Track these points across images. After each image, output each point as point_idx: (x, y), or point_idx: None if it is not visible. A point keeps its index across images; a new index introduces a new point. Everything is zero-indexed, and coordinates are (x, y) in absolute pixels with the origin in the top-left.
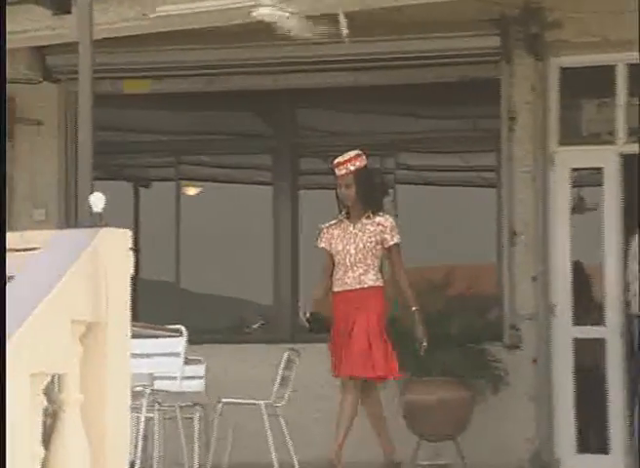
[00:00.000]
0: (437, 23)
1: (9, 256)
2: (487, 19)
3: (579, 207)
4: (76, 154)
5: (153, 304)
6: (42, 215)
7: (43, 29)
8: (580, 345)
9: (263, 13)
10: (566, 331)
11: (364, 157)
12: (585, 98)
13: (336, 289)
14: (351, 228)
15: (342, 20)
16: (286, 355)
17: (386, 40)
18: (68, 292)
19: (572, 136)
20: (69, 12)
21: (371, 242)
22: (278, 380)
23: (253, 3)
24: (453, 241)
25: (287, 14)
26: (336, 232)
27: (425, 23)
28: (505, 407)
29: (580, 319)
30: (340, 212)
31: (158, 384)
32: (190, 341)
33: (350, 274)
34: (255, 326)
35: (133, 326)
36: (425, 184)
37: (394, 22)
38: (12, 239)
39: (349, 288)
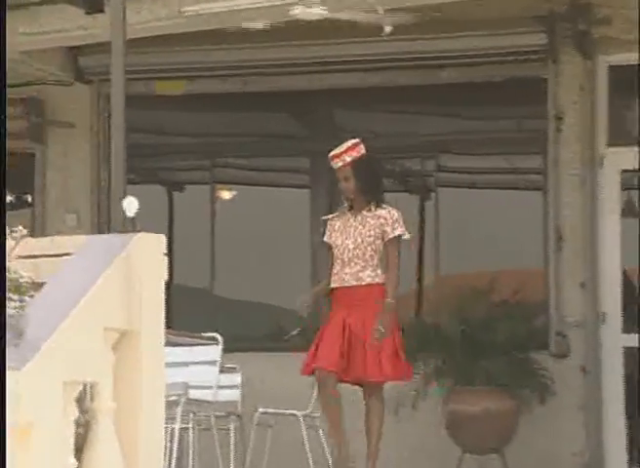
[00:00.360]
0: (481, 21)
1: (40, 262)
2: (533, 17)
3: (629, 210)
4: (109, 157)
5: (187, 311)
6: (74, 221)
7: (75, 29)
8: (631, 354)
9: (308, 11)
10: (615, 339)
11: (361, 146)
12: (635, 97)
13: (333, 285)
14: (352, 221)
15: (383, 14)
16: None
17: (428, 38)
18: (101, 298)
19: (621, 136)
20: (102, 11)
21: (370, 236)
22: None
23: (291, 1)
24: (498, 246)
25: (324, 11)
26: (337, 224)
27: (469, 21)
28: (553, 417)
29: (630, 326)
30: (345, 203)
31: (193, 393)
32: (225, 349)
33: (348, 270)
34: (292, 333)
35: (167, 333)
36: (469, 187)
37: (436, 20)
38: (42, 244)
39: (347, 284)
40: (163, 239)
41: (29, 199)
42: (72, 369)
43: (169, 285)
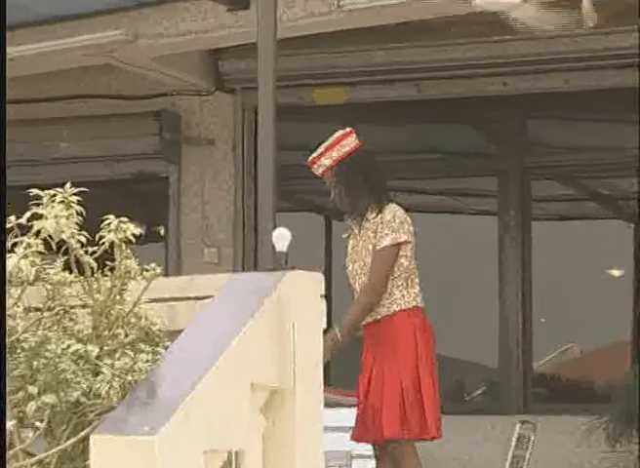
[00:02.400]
0: None
1: (177, 306)
2: None
3: None
4: (255, 180)
5: (348, 365)
6: (214, 256)
7: (216, 29)
8: None
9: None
10: None
11: (348, 140)
12: None
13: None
14: (358, 237)
15: (588, 6)
16: (517, 429)
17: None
18: (248, 350)
19: None
20: (247, 7)
21: (369, 252)
22: (509, 461)
23: None
24: None
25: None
26: (349, 245)
27: None
28: None
29: None
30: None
31: (357, 465)
32: None
33: None
34: (476, 392)
35: (326, 392)
36: None
37: None
38: (179, 284)
39: (364, 321)
40: (320, 278)
41: (162, 230)
42: (214, 434)
43: (326, 332)
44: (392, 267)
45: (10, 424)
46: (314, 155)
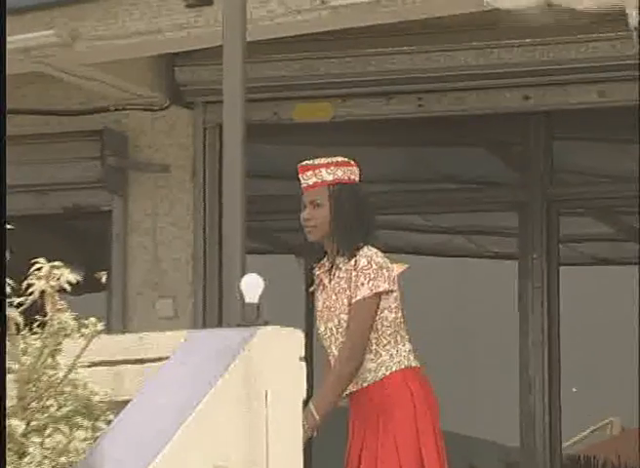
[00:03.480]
0: None
1: (123, 371)
2: None
3: None
4: (220, 215)
5: (332, 443)
6: (169, 309)
7: (171, 29)
8: None
9: None
10: None
11: (355, 169)
12: None
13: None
14: (329, 291)
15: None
16: None
17: None
18: (210, 425)
19: None
20: (210, 2)
21: (345, 307)
22: None
23: None
24: None
25: None
26: (319, 302)
27: None
28: None
29: None
30: (313, 258)
31: None
32: None
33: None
34: None
35: None
36: None
37: None
38: (125, 343)
39: (349, 389)
40: (300, 336)
41: (104, 277)
42: None
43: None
44: (373, 323)
45: None
46: (314, 161)
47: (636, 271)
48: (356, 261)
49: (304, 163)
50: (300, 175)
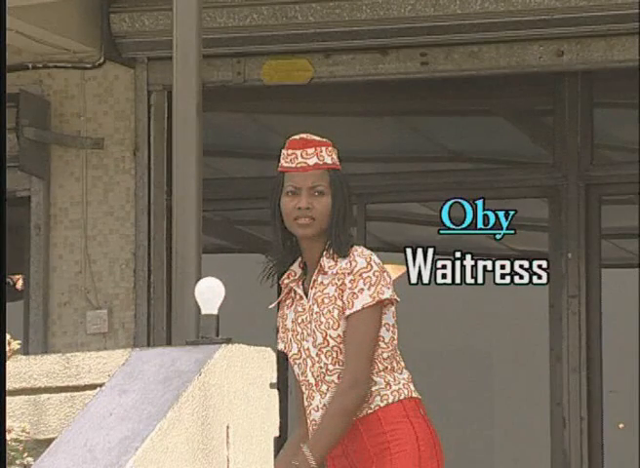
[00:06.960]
0: None
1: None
2: None
3: None
4: (169, 203)
5: None
6: (103, 323)
7: None
8: None
9: None
10: None
11: (336, 152)
12: None
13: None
14: (305, 305)
15: None
16: None
17: None
18: (160, 458)
19: None
20: None
21: (334, 320)
22: None
23: None
24: None
25: None
26: (286, 314)
27: None
28: None
29: None
30: (278, 265)
31: None
32: None
33: (318, 398)
34: None
35: None
36: None
37: None
38: (48, 366)
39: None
40: (271, 357)
41: (19, 283)
42: None
43: (282, 435)
44: (377, 337)
45: None
46: (314, 137)
47: None
48: (351, 263)
49: (304, 136)
50: (291, 152)
